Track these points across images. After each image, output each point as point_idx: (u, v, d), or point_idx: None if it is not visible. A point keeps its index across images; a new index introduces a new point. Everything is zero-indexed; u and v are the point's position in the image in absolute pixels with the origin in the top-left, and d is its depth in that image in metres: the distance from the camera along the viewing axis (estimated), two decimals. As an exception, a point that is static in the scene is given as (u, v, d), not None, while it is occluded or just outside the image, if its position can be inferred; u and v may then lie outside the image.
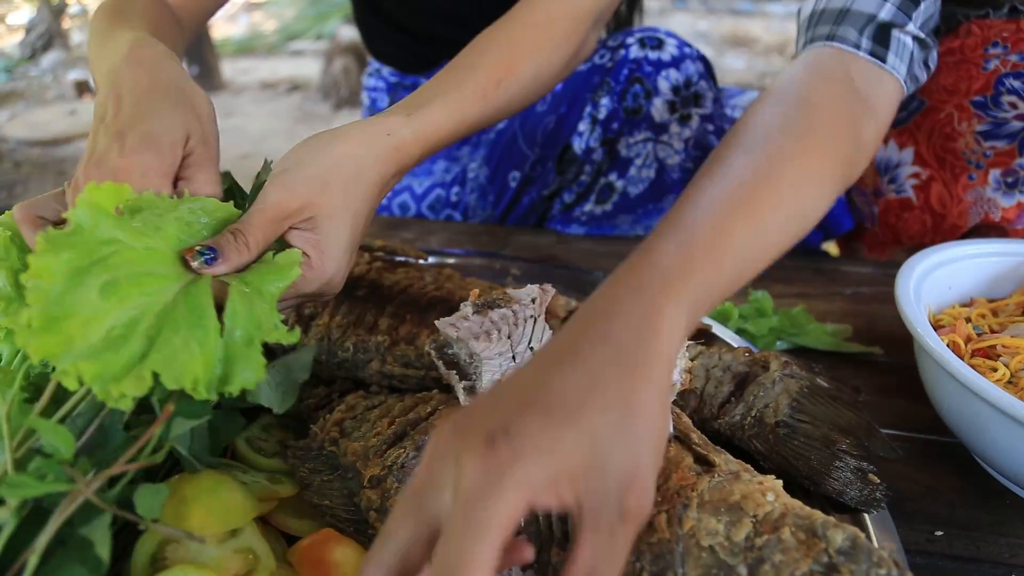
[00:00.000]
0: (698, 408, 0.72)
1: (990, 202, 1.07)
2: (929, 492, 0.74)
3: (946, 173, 1.11)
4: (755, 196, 0.63)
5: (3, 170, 5.01)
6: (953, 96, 1.08)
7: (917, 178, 1.14)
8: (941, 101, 1.09)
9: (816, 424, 0.69)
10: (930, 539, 0.69)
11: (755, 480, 0.54)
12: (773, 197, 0.64)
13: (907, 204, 1.16)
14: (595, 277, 1.02)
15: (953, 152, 1.09)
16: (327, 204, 0.66)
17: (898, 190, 1.17)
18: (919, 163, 1.14)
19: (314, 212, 0.66)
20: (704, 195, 0.63)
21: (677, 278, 0.54)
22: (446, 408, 0.68)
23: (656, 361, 0.48)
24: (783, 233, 0.65)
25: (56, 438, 0.50)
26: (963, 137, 1.08)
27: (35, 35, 7.99)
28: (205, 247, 0.60)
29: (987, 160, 1.07)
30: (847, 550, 0.47)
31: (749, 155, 0.67)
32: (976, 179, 1.08)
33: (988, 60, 1.03)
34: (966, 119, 1.07)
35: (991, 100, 1.02)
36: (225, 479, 0.59)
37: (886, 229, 1.20)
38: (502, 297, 0.71)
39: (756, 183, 0.64)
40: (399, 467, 0.64)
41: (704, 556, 0.49)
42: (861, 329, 1.01)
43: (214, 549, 0.56)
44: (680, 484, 0.53)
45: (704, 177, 0.65)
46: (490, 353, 0.65)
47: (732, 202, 0.62)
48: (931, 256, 0.85)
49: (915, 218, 1.16)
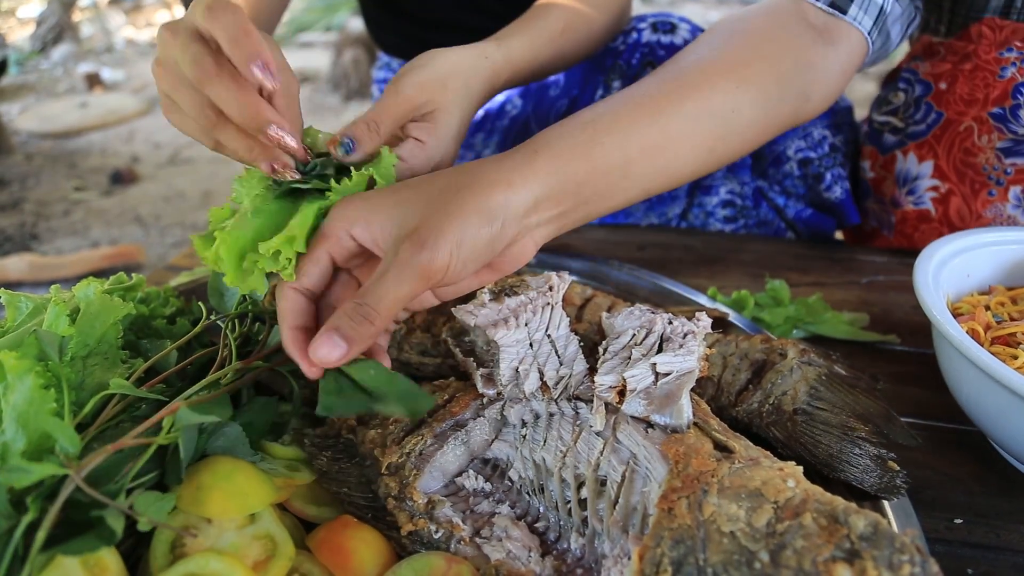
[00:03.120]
0: (715, 396, 0.72)
1: (1010, 220, 1.06)
2: (948, 480, 0.74)
3: (966, 187, 1.10)
4: (657, 94, 0.73)
5: (15, 162, 5.03)
6: (971, 107, 1.06)
7: (936, 191, 1.13)
8: (959, 113, 1.08)
9: (834, 411, 0.68)
10: (949, 527, 0.68)
11: (775, 466, 0.54)
12: (675, 95, 0.73)
13: (925, 216, 1.15)
14: (609, 265, 1.01)
15: (974, 167, 1.08)
16: (444, 100, 0.76)
17: (916, 201, 1.15)
18: (938, 176, 1.12)
19: (434, 107, 0.75)
20: (604, 102, 0.73)
21: (546, 148, 0.66)
22: (463, 395, 0.68)
23: (491, 190, 0.61)
24: (691, 124, 0.73)
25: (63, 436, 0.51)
26: (983, 152, 1.06)
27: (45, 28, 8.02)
28: (344, 137, 0.69)
29: (1008, 177, 1.05)
30: (869, 536, 0.47)
31: (662, 72, 0.77)
32: (996, 195, 1.07)
33: (1004, 67, 1.02)
34: (986, 133, 1.05)
35: (1010, 112, 1.00)
36: (242, 465, 0.60)
37: (903, 238, 1.19)
38: (519, 284, 0.71)
39: (660, 85, 0.74)
40: (417, 454, 0.64)
41: (725, 542, 0.49)
42: (878, 317, 1.00)
43: (232, 535, 0.56)
44: (700, 470, 0.53)
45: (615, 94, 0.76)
46: (508, 340, 0.65)
47: (630, 99, 0.72)
48: (949, 244, 0.85)
49: (933, 230, 1.14)
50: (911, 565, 0.45)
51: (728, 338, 0.76)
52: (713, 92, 0.74)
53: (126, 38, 8.70)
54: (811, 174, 1.23)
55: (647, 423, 0.59)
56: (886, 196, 1.21)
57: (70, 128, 5.59)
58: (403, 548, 0.60)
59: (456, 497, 0.63)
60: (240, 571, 0.52)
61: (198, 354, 0.69)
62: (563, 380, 0.65)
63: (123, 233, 3.95)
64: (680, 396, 0.58)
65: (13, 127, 5.61)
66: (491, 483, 0.64)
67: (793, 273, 1.11)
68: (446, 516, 0.60)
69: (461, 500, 0.63)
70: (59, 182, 4.71)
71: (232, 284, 0.63)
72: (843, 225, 1.28)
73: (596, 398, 0.62)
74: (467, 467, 0.66)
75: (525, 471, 0.63)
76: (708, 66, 0.76)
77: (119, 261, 3.42)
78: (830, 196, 1.22)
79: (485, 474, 0.65)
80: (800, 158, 1.23)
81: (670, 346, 0.64)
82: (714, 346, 0.75)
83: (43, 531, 0.48)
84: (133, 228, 4.01)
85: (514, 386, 0.65)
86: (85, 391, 0.60)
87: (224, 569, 0.52)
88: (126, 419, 0.61)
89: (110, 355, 0.64)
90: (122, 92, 6.57)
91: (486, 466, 0.66)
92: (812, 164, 1.22)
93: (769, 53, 0.79)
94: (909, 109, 1.15)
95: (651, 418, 0.59)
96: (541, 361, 0.66)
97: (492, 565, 0.57)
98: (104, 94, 6.54)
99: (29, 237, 3.95)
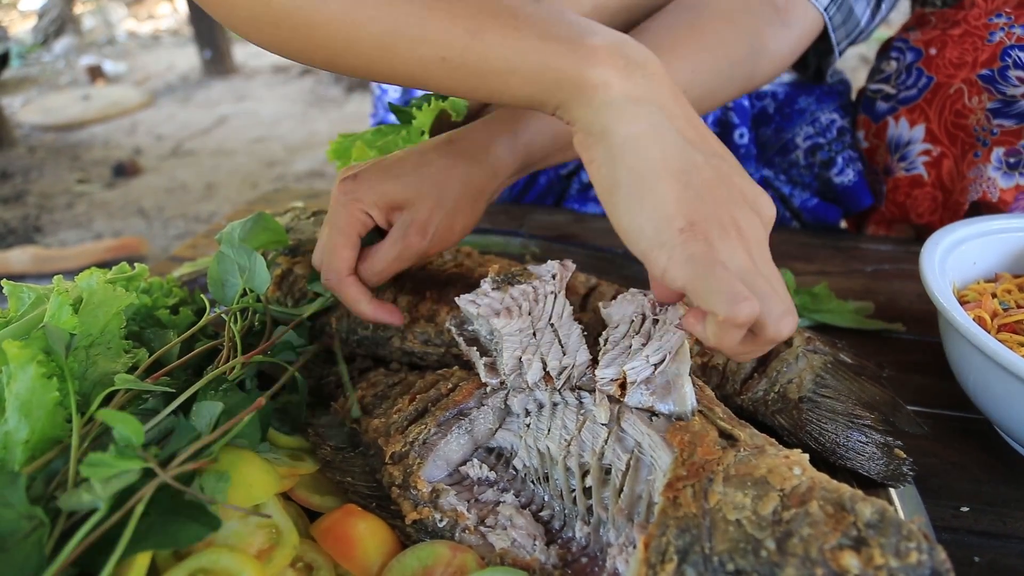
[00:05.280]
0: (720, 384, 0.71)
1: (989, 181, 1.06)
2: (954, 468, 0.73)
3: (956, 150, 1.10)
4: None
5: (18, 155, 5.03)
6: (960, 70, 1.06)
7: (928, 155, 1.13)
8: (949, 76, 1.08)
9: (840, 399, 0.68)
10: (956, 515, 0.68)
11: (781, 454, 0.53)
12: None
13: (918, 181, 1.15)
14: (613, 254, 1.01)
15: (965, 129, 1.08)
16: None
17: (908, 167, 1.16)
18: (930, 140, 1.12)
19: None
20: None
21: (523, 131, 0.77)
22: (466, 384, 0.68)
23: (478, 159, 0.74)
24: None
25: (126, 427, 0.50)
26: (974, 114, 1.06)
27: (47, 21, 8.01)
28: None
29: (992, 138, 1.05)
30: (876, 523, 0.46)
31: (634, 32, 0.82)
32: (980, 156, 1.07)
33: (993, 32, 1.02)
34: (976, 94, 1.05)
35: (998, 74, 1.00)
36: (247, 454, 0.59)
37: (894, 207, 1.19)
38: (522, 273, 0.71)
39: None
40: (421, 443, 0.64)
41: (731, 530, 0.48)
42: (882, 306, 1.00)
43: (236, 524, 0.56)
44: (705, 458, 0.53)
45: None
46: (511, 329, 0.65)
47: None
48: (955, 231, 0.84)
49: (925, 195, 1.15)
50: (918, 552, 0.45)
51: (733, 326, 0.75)
52: (673, 59, 0.80)
53: (128, 30, 8.70)
54: (820, 160, 1.22)
55: (651, 412, 0.59)
56: (879, 165, 1.22)
57: (72, 121, 5.59)
58: (407, 537, 0.60)
59: (460, 486, 0.63)
60: (251, 567, 0.52)
61: (202, 347, 0.69)
62: (566, 370, 0.64)
63: (126, 225, 3.96)
64: (682, 383, 0.58)
65: (16, 120, 5.61)
66: (495, 472, 0.64)
67: (798, 262, 1.11)
68: (450, 505, 0.60)
69: (465, 489, 0.63)
70: (62, 174, 4.71)
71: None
72: (852, 212, 1.27)
73: (598, 391, 0.61)
74: (471, 456, 0.66)
75: (529, 460, 0.63)
76: (673, 35, 0.83)
77: (122, 253, 3.42)
78: (841, 180, 1.21)
79: (489, 463, 0.65)
80: (808, 146, 1.22)
81: (657, 328, 0.64)
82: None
83: (129, 528, 0.48)
84: (136, 220, 4.01)
85: (517, 375, 0.65)
86: (88, 381, 0.60)
87: (235, 565, 0.52)
88: (133, 411, 0.60)
89: (113, 345, 0.64)
90: (124, 84, 6.57)
91: (490, 455, 0.66)
92: (822, 150, 1.22)
93: (728, 38, 0.85)
94: (900, 76, 1.16)
95: (655, 407, 0.58)
96: (544, 350, 0.66)
97: (497, 553, 0.57)
98: (106, 86, 6.54)
99: (32, 229, 3.95)
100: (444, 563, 0.55)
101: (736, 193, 0.54)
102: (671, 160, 0.52)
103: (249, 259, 0.73)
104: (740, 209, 0.54)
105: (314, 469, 0.66)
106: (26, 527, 0.48)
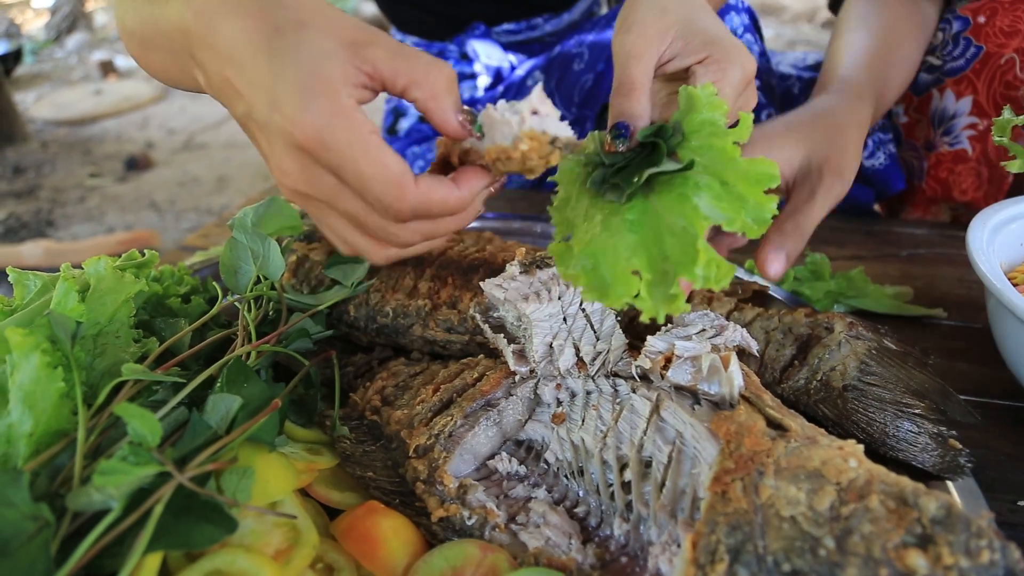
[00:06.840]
0: (759, 373, 0.68)
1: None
2: (1009, 460, 0.69)
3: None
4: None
5: (31, 150, 5.03)
6: (1012, 39, 1.02)
7: (974, 128, 1.09)
8: (1000, 45, 1.04)
9: (887, 387, 0.64)
10: (1012, 509, 0.64)
11: (834, 445, 0.49)
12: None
13: (962, 156, 1.11)
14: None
15: (1015, 101, 1.03)
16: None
17: (952, 142, 1.11)
18: (977, 113, 1.08)
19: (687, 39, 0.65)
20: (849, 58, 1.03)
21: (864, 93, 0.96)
22: (493, 373, 0.64)
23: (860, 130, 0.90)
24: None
25: (143, 425, 0.47)
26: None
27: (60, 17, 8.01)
28: (615, 128, 0.58)
29: None
30: (942, 519, 0.43)
31: (864, 26, 1.05)
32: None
33: None
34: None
35: None
36: (263, 450, 0.56)
37: (935, 184, 1.15)
38: (550, 256, 0.67)
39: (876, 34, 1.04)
40: (447, 436, 0.60)
41: (785, 527, 0.45)
42: (920, 292, 0.96)
43: (252, 523, 0.53)
44: (754, 450, 0.49)
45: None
46: (540, 314, 0.61)
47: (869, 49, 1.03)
48: (1002, 211, 0.80)
49: (969, 170, 1.10)
50: (990, 551, 0.42)
51: (769, 312, 0.71)
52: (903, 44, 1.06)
53: (139, 25, 8.67)
54: None
55: (694, 398, 0.55)
56: (919, 140, 1.17)
57: (85, 115, 5.58)
58: (434, 535, 0.57)
59: (489, 481, 0.59)
60: (269, 569, 0.49)
61: (214, 336, 0.66)
62: (600, 355, 0.61)
63: (138, 219, 3.94)
64: (730, 362, 0.54)
65: (29, 115, 5.60)
66: (526, 466, 0.61)
67: (830, 247, 1.07)
68: (479, 501, 0.56)
69: (494, 484, 0.59)
70: (74, 169, 4.70)
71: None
72: (884, 196, 1.23)
73: (643, 356, 0.57)
74: (500, 449, 0.62)
75: (562, 453, 0.59)
76: (891, 23, 1.07)
77: (135, 246, 3.37)
78: (872, 164, 1.17)
79: (519, 456, 0.61)
80: None
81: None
82: (755, 321, 0.71)
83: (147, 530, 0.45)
84: (148, 214, 4.00)
85: (547, 363, 0.62)
86: (95, 372, 0.57)
87: (252, 567, 0.49)
88: (143, 402, 0.57)
89: (122, 334, 0.61)
90: (136, 79, 6.55)
91: (520, 448, 0.62)
92: None
93: (911, 17, 1.09)
94: (947, 46, 1.11)
95: (698, 387, 0.55)
96: (576, 336, 0.62)
97: (530, 553, 0.53)
98: (118, 81, 6.53)
99: (45, 223, 3.94)
100: (474, 564, 0.52)
101: None
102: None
103: (263, 245, 0.70)
104: None
105: (333, 463, 0.63)
106: (31, 528, 0.45)
